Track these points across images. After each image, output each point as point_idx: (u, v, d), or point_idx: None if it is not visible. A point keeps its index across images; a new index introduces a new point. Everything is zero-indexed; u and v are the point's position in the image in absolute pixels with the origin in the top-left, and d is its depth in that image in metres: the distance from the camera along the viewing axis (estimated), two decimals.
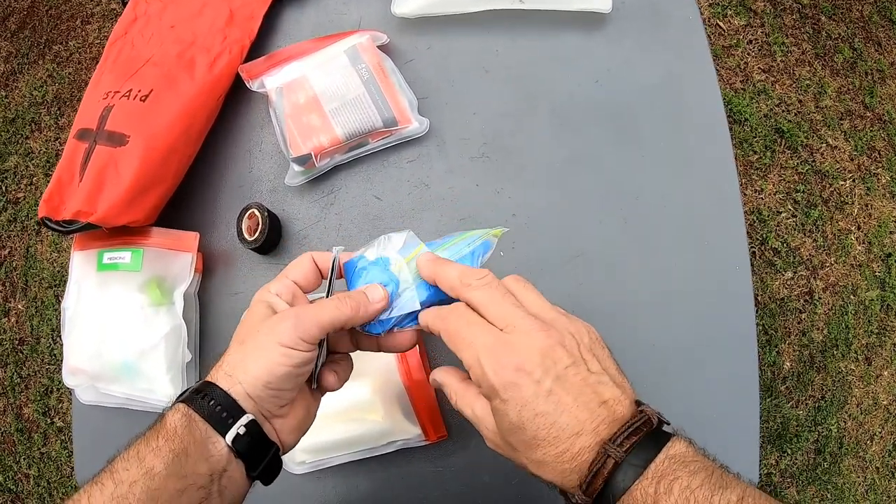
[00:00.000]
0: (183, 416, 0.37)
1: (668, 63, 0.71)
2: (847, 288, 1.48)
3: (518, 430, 0.36)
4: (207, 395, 0.37)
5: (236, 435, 0.37)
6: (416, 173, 0.69)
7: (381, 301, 0.42)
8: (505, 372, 0.36)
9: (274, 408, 0.39)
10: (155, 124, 0.65)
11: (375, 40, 0.71)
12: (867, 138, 1.55)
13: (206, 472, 0.36)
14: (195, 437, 0.36)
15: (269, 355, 0.37)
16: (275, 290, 0.42)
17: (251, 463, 0.38)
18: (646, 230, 0.67)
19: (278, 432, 0.40)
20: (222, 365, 0.39)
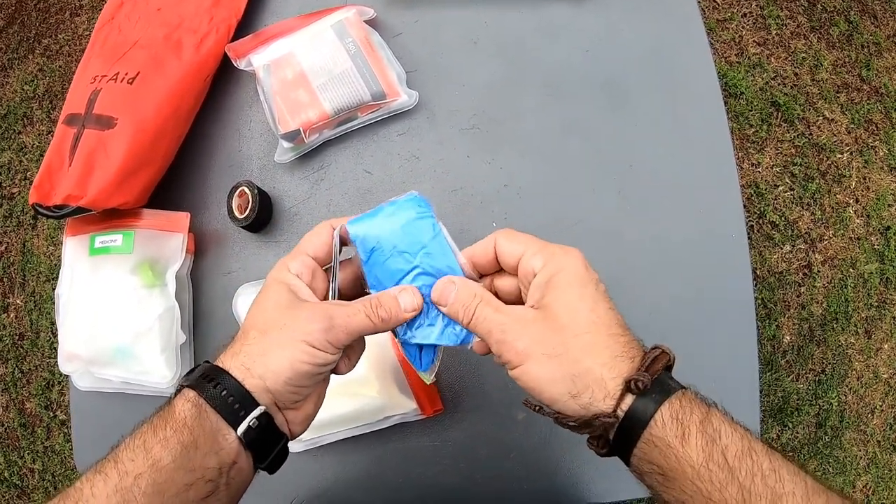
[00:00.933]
0: (193, 406, 0.35)
1: (659, 31, 0.70)
2: (846, 261, 1.47)
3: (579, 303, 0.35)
4: (220, 385, 0.35)
5: (247, 427, 0.35)
6: (406, 146, 0.69)
7: (413, 311, 0.40)
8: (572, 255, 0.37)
9: (290, 402, 0.38)
10: (143, 106, 0.65)
11: (362, 15, 0.71)
12: (864, 111, 1.54)
13: (216, 465, 0.34)
14: (205, 428, 0.35)
15: (294, 353, 0.36)
16: (294, 270, 0.39)
17: (259, 454, 0.37)
18: (640, 199, 0.66)
19: (289, 423, 0.39)
20: (239, 354, 0.37)
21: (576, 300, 0.35)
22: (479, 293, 0.38)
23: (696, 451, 0.31)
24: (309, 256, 0.40)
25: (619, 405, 0.33)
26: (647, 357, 0.34)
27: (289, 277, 0.39)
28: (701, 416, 0.32)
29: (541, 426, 0.62)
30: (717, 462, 0.31)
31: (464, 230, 0.66)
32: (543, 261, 0.37)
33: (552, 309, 0.35)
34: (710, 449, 0.31)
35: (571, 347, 0.34)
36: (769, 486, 0.30)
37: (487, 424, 0.63)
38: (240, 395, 0.35)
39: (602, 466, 0.61)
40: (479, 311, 0.37)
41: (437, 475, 0.62)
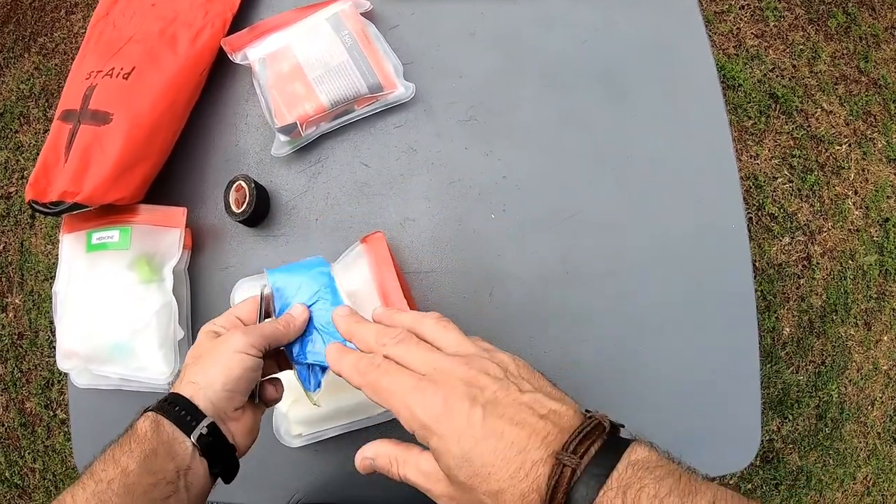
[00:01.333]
0: (152, 422, 0.41)
1: (657, 22, 0.70)
2: (845, 253, 1.47)
3: (465, 462, 0.33)
4: (173, 403, 0.42)
5: (199, 435, 0.42)
6: (403, 139, 0.68)
7: (302, 314, 0.50)
8: (434, 407, 0.35)
9: (230, 409, 0.44)
10: (138, 101, 0.65)
11: (358, 7, 0.70)
12: (862, 103, 1.54)
13: (174, 468, 0.41)
14: (162, 438, 0.41)
15: (226, 361, 0.44)
16: (220, 324, 0.48)
17: (212, 461, 0.43)
18: (639, 191, 0.66)
19: (234, 434, 0.45)
20: (183, 378, 0.44)
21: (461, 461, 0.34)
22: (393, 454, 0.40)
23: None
24: (234, 315, 0.49)
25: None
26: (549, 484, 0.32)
27: (214, 327, 0.48)
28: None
29: None
30: None
31: (461, 222, 0.66)
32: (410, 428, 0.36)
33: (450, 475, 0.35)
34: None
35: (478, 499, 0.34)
36: None
37: None
38: (190, 410, 0.42)
39: None
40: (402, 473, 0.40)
41: None
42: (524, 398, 0.35)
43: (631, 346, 0.63)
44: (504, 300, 0.65)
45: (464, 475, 0.33)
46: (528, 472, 0.32)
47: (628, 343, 0.64)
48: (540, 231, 0.66)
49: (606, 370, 0.63)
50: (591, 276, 0.65)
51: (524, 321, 0.64)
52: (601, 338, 0.64)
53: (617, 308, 0.64)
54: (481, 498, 0.33)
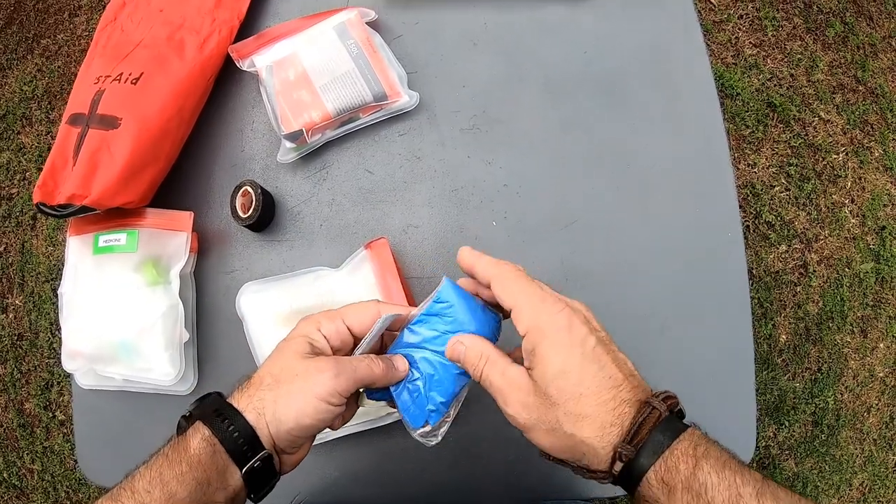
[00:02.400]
0: (209, 445, 0.38)
1: (656, 31, 0.71)
2: (841, 261, 1.48)
3: (562, 376, 0.36)
4: (233, 427, 0.39)
5: (251, 468, 0.39)
6: (407, 146, 0.70)
7: (404, 371, 0.44)
8: (557, 319, 0.37)
9: (288, 448, 0.41)
10: (146, 106, 0.65)
11: (364, 16, 0.71)
12: (860, 112, 1.56)
13: (223, 500, 0.39)
14: (217, 466, 0.38)
15: (303, 406, 0.39)
16: (325, 332, 0.43)
17: (255, 488, 0.41)
18: (638, 198, 0.67)
19: (283, 464, 0.42)
20: (254, 398, 0.40)
21: (560, 373, 0.36)
22: (486, 353, 0.40)
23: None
24: (345, 324, 0.44)
25: (613, 467, 0.36)
26: (636, 420, 0.35)
27: (315, 335, 0.42)
28: (688, 471, 0.33)
29: None
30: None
31: (464, 229, 0.67)
32: (526, 327, 0.38)
33: (541, 384, 0.37)
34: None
35: (564, 423, 0.36)
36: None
37: (489, 420, 0.63)
38: (249, 438, 0.39)
39: None
40: (486, 372, 0.40)
41: (438, 471, 0.63)
42: (620, 355, 0.39)
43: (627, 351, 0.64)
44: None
45: (555, 388, 0.36)
46: (616, 408, 0.36)
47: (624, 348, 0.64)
48: (540, 238, 0.67)
49: None
50: (590, 282, 0.66)
51: None
52: None
53: (614, 313, 0.65)
54: (560, 416, 0.36)
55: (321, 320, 0.43)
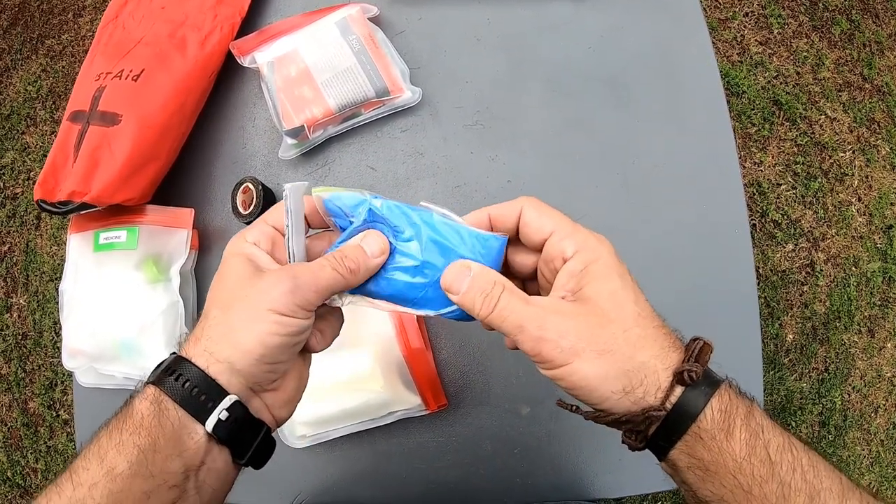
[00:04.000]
0: (152, 404, 0.31)
1: (661, 28, 0.71)
2: (848, 260, 1.47)
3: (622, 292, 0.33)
4: (182, 376, 0.32)
5: (217, 421, 0.31)
6: (409, 143, 0.69)
7: (382, 254, 0.36)
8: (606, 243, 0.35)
9: (266, 382, 0.34)
10: (147, 103, 0.65)
11: (366, 12, 0.71)
12: (866, 110, 1.54)
13: (180, 468, 0.31)
14: (165, 428, 0.31)
15: (262, 325, 0.32)
16: (252, 239, 0.36)
17: (238, 448, 0.33)
18: (643, 196, 0.66)
19: (270, 408, 0.35)
20: (201, 338, 0.33)
21: (619, 291, 0.33)
22: (501, 280, 0.34)
23: (739, 445, 0.30)
24: (268, 224, 0.37)
25: (668, 398, 0.32)
26: (692, 347, 0.33)
27: (246, 247, 0.35)
28: (745, 409, 0.31)
29: (545, 421, 0.62)
30: (760, 456, 0.30)
31: None
32: (576, 246, 0.34)
33: (596, 301, 0.33)
34: (753, 443, 0.30)
35: (624, 342, 0.32)
36: (808, 482, 0.29)
37: (491, 419, 0.63)
38: (205, 386, 0.31)
39: (606, 462, 0.62)
40: (503, 301, 0.33)
41: (440, 470, 0.62)
42: None
43: None
44: None
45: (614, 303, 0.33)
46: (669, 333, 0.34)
47: None
48: None
49: None
50: None
51: None
52: None
53: None
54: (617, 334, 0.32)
55: (245, 232, 0.36)
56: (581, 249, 0.34)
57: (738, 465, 0.30)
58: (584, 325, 0.32)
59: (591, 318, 0.32)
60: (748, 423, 0.31)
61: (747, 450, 0.30)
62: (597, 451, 0.62)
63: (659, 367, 0.32)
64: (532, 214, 0.36)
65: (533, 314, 0.33)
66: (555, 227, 0.35)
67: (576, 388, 0.32)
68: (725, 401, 0.32)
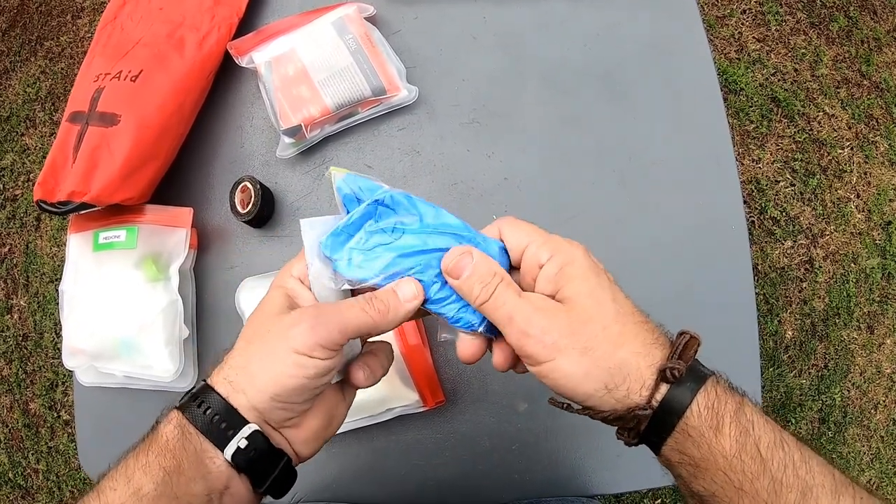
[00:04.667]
0: (176, 428, 0.32)
1: (657, 25, 0.71)
2: (847, 256, 1.47)
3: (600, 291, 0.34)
4: (204, 403, 0.33)
5: (237, 449, 0.32)
6: (406, 141, 0.69)
7: (414, 300, 0.35)
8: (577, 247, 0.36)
9: (281, 420, 0.34)
10: (146, 103, 0.66)
11: (362, 12, 0.71)
12: (864, 106, 1.54)
13: (203, 491, 0.32)
14: (189, 452, 0.32)
15: (279, 365, 0.32)
16: (296, 273, 0.36)
17: (257, 477, 0.34)
18: (640, 192, 0.67)
19: (291, 443, 0.35)
20: (223, 367, 0.34)
21: (596, 290, 0.34)
22: (500, 272, 0.35)
23: (729, 442, 0.30)
24: None
25: (654, 395, 0.32)
26: (677, 343, 0.33)
27: (289, 281, 0.36)
28: (735, 405, 0.31)
29: (542, 418, 0.62)
30: (750, 453, 0.30)
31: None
32: (550, 251, 0.35)
33: (575, 300, 0.33)
34: (743, 440, 0.30)
35: (604, 339, 0.32)
36: (800, 478, 0.29)
37: (489, 416, 0.63)
38: (226, 414, 0.32)
39: (604, 458, 0.62)
40: (499, 292, 0.34)
41: (439, 467, 0.63)
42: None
43: None
44: None
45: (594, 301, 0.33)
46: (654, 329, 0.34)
47: None
48: None
49: None
50: None
51: None
52: None
53: None
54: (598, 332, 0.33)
55: (293, 263, 0.37)
56: (555, 254, 0.35)
57: (728, 462, 0.30)
58: (565, 323, 0.33)
59: (572, 315, 0.33)
60: (738, 419, 0.31)
61: (737, 446, 0.30)
62: (594, 447, 0.62)
63: (642, 364, 0.32)
64: (507, 230, 0.37)
65: (523, 308, 0.33)
66: (529, 239, 0.36)
67: (558, 385, 0.33)
68: (713, 397, 0.32)
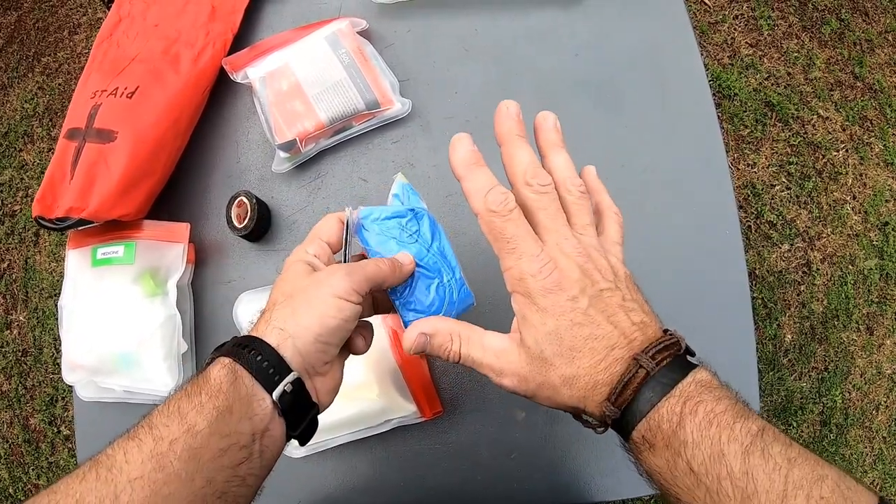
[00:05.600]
0: (229, 372, 0.35)
1: (648, 33, 0.72)
2: (845, 258, 1.48)
3: (555, 339, 0.35)
4: (255, 350, 0.36)
5: (282, 392, 0.36)
6: (400, 153, 0.70)
7: (410, 264, 0.42)
8: (546, 282, 0.36)
9: (319, 364, 0.39)
10: (142, 119, 0.66)
11: (355, 26, 0.72)
12: (858, 108, 1.55)
13: (249, 430, 0.35)
14: (240, 393, 0.35)
15: (323, 307, 0.37)
16: (313, 252, 0.42)
17: (291, 422, 0.38)
18: (633, 199, 0.67)
19: (318, 392, 0.40)
20: (270, 320, 0.38)
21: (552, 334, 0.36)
22: (456, 331, 0.40)
23: (662, 463, 0.33)
24: (323, 241, 0.43)
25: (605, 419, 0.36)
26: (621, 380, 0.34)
27: (307, 257, 0.41)
28: (671, 430, 0.33)
29: (541, 426, 0.63)
30: (682, 470, 0.32)
31: (458, 234, 0.67)
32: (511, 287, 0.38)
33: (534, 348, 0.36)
34: (674, 461, 0.32)
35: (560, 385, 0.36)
36: (739, 488, 0.30)
37: (487, 425, 0.63)
38: (274, 361, 0.36)
39: (603, 465, 0.62)
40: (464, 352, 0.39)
41: (438, 477, 0.63)
42: (625, 304, 0.37)
43: None
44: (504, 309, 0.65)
45: (549, 351, 0.36)
46: (608, 367, 0.35)
47: None
48: None
49: None
50: None
51: None
52: None
53: None
54: (553, 380, 0.36)
55: (305, 246, 0.43)
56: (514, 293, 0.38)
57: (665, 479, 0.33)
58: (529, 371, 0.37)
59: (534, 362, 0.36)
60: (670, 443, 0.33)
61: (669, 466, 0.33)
62: (593, 455, 0.62)
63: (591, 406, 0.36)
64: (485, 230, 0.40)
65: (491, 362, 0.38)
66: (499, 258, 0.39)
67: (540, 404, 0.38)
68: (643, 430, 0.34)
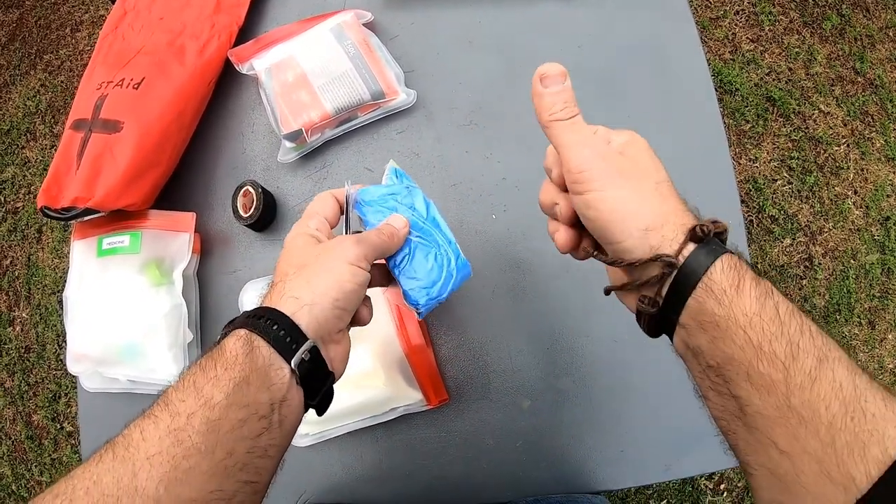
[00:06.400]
0: (245, 343, 0.35)
1: (650, 25, 0.72)
2: (847, 252, 1.48)
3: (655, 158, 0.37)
4: (271, 320, 0.36)
5: (300, 360, 0.36)
6: (405, 144, 0.70)
7: (405, 226, 0.45)
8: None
9: (334, 331, 0.39)
10: (148, 110, 0.66)
11: (360, 18, 0.72)
12: (859, 103, 1.56)
13: (267, 400, 0.34)
14: (257, 363, 0.34)
15: (337, 273, 0.38)
16: (314, 226, 0.43)
17: (309, 389, 0.37)
18: None
19: (332, 360, 0.39)
20: (284, 290, 0.38)
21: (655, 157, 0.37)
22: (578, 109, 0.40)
23: (749, 300, 0.31)
24: (322, 216, 0.44)
25: (682, 251, 0.33)
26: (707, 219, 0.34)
27: (310, 230, 0.43)
28: (754, 274, 0.32)
29: (546, 415, 0.63)
30: (769, 314, 0.30)
31: (463, 223, 0.67)
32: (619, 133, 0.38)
33: (635, 157, 0.36)
34: (763, 300, 0.31)
35: (652, 190, 0.35)
36: (817, 346, 0.29)
37: (493, 413, 0.63)
38: (291, 329, 0.36)
39: (608, 454, 0.62)
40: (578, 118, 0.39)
41: (443, 465, 0.63)
42: None
43: (625, 351, 0.64)
44: (506, 297, 0.66)
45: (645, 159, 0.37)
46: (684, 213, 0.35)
47: (623, 346, 0.64)
48: (540, 231, 0.66)
49: (605, 364, 0.64)
50: (590, 276, 0.66)
51: (525, 317, 0.65)
52: (600, 333, 0.64)
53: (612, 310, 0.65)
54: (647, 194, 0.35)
55: (306, 221, 0.44)
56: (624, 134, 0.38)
57: (748, 320, 0.30)
58: (622, 162, 0.36)
59: (632, 164, 0.36)
60: (758, 282, 0.31)
61: (758, 305, 0.30)
62: (598, 444, 0.62)
63: (677, 221, 0.34)
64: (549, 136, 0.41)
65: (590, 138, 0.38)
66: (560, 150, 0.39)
67: (600, 217, 0.35)
68: (735, 260, 0.32)
